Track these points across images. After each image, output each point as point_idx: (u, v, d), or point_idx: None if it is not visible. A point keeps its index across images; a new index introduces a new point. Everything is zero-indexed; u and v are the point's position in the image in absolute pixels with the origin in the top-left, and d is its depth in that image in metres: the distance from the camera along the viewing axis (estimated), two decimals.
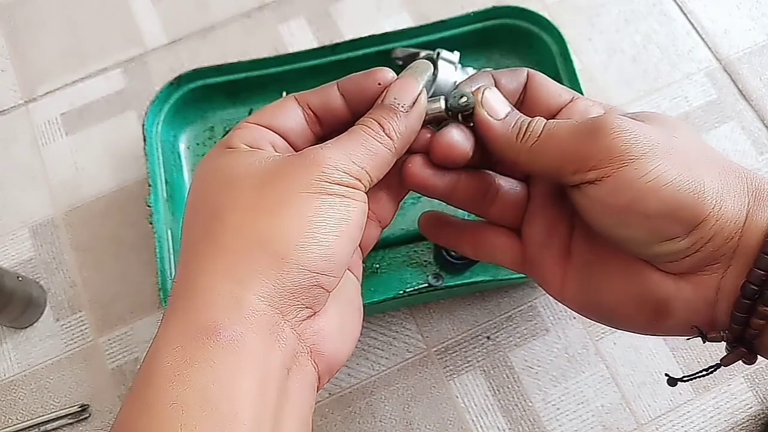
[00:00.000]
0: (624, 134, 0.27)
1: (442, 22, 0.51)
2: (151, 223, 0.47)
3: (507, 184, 0.34)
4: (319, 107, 0.31)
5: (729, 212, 0.26)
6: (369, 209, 0.31)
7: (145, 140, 0.49)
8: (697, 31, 0.58)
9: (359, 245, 0.32)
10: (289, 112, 0.30)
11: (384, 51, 0.51)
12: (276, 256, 0.25)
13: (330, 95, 0.31)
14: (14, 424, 0.48)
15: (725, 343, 0.28)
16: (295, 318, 0.26)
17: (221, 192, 0.27)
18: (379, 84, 0.30)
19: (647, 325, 0.30)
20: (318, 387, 0.28)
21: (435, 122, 0.31)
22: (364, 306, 0.38)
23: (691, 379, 0.31)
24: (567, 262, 0.32)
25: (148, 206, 0.47)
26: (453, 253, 0.48)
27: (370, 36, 0.51)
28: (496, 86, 0.32)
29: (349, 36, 0.57)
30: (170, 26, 0.60)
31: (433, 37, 0.51)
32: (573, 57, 0.49)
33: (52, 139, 0.56)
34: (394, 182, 0.32)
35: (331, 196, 0.26)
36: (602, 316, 0.32)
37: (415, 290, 0.47)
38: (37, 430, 0.48)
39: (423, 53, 0.50)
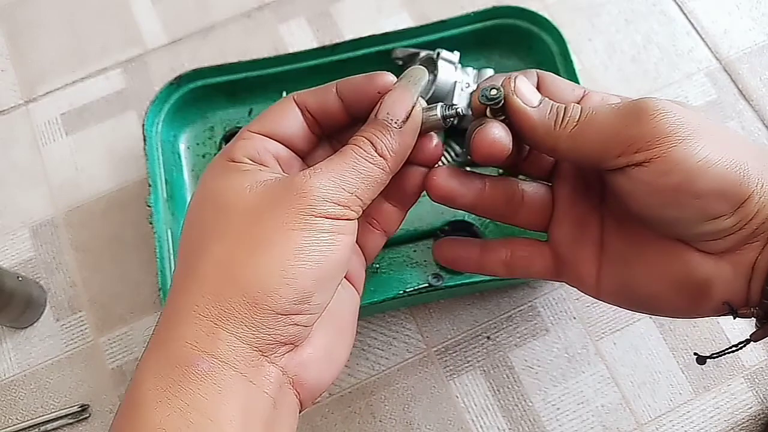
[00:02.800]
0: (669, 115, 0.27)
1: (442, 22, 0.51)
2: (151, 223, 0.47)
3: (530, 188, 0.34)
4: (317, 110, 0.30)
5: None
6: (374, 219, 0.31)
7: (145, 140, 0.49)
8: (697, 31, 0.58)
9: (363, 254, 0.32)
10: (290, 117, 0.30)
11: (384, 51, 0.51)
12: (251, 300, 0.25)
13: (328, 98, 0.30)
14: (14, 424, 0.48)
15: (755, 319, 0.28)
16: (274, 355, 0.26)
17: (211, 219, 0.27)
18: (379, 93, 0.30)
19: (688, 308, 0.30)
20: (300, 411, 0.28)
21: (432, 131, 0.31)
22: (364, 306, 0.38)
23: (721, 356, 0.31)
24: (601, 256, 0.32)
25: (148, 206, 0.47)
26: None
27: (370, 36, 0.51)
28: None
29: (349, 36, 0.57)
30: (170, 26, 0.60)
31: (433, 37, 0.51)
32: (573, 57, 0.49)
33: (52, 139, 0.56)
34: (400, 193, 0.32)
35: (315, 233, 0.26)
36: (641, 305, 0.32)
37: (415, 290, 0.47)
38: (37, 430, 0.48)
39: (423, 53, 0.51)
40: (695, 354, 0.32)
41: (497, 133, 0.30)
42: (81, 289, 0.52)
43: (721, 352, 0.31)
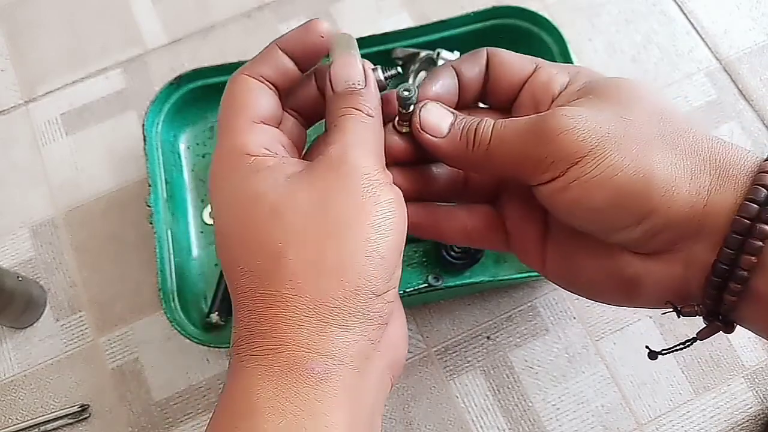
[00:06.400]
0: (570, 133, 0.26)
1: (442, 22, 0.51)
2: (151, 223, 0.47)
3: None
4: (277, 77, 0.30)
5: (682, 199, 0.25)
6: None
7: (145, 140, 0.49)
8: (697, 31, 0.58)
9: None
10: (266, 95, 0.29)
11: (384, 51, 0.51)
12: (352, 288, 0.25)
13: (281, 62, 0.30)
14: (14, 424, 0.48)
15: (702, 317, 0.28)
16: (378, 338, 0.26)
17: (273, 225, 0.26)
18: (323, 37, 0.29)
19: (622, 300, 0.30)
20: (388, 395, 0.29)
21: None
22: None
23: (670, 352, 0.31)
24: (546, 237, 0.32)
25: (148, 206, 0.47)
26: (453, 253, 0.48)
27: (370, 36, 0.51)
28: (458, 77, 0.31)
29: None
30: (170, 26, 0.60)
31: (433, 37, 0.51)
32: (573, 57, 0.49)
33: (52, 139, 0.56)
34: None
35: (381, 204, 0.26)
36: (581, 290, 0.32)
37: (415, 290, 0.47)
38: (37, 430, 0.48)
39: (423, 53, 0.51)
40: (646, 347, 0.32)
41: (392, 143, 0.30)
42: (81, 289, 0.52)
43: (670, 348, 0.31)
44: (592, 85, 0.29)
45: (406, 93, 0.29)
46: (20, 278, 0.49)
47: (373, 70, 0.30)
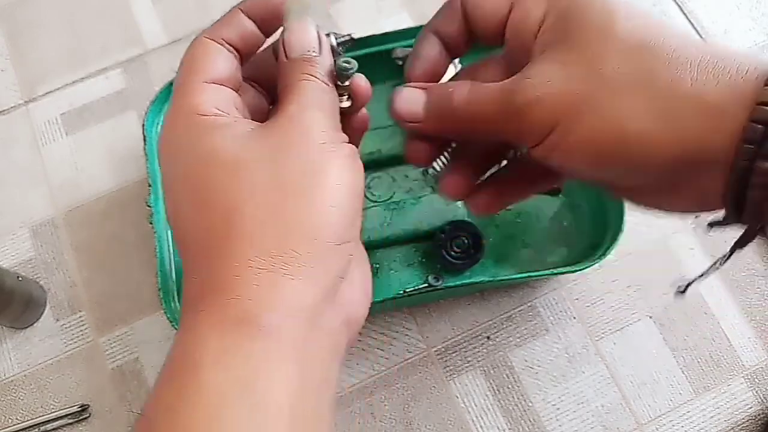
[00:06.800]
0: (538, 105, 0.26)
1: None
2: (151, 223, 0.47)
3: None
4: (237, 41, 0.29)
5: (666, 146, 0.24)
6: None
7: (145, 140, 0.49)
8: (697, 31, 0.58)
9: None
10: (224, 58, 0.29)
11: (384, 51, 0.51)
12: (310, 238, 0.24)
13: (243, 24, 0.29)
14: (14, 424, 0.48)
15: (733, 223, 0.27)
16: (333, 292, 0.26)
17: (227, 181, 0.25)
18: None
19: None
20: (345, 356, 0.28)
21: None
22: None
23: (706, 276, 0.30)
24: None
25: (148, 206, 0.47)
26: (453, 253, 0.48)
27: (370, 36, 0.51)
28: (440, 38, 0.31)
29: None
30: (170, 26, 0.60)
31: None
32: None
33: (52, 139, 0.56)
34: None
35: (338, 159, 0.26)
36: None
37: (415, 290, 0.47)
38: (37, 430, 0.48)
39: None
40: (679, 287, 0.31)
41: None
42: (81, 289, 0.52)
43: (708, 268, 0.30)
44: (564, 21, 0.27)
45: (345, 65, 0.28)
46: (20, 278, 0.49)
47: (326, 35, 0.30)
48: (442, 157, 0.47)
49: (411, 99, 0.30)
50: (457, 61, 0.50)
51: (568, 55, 0.26)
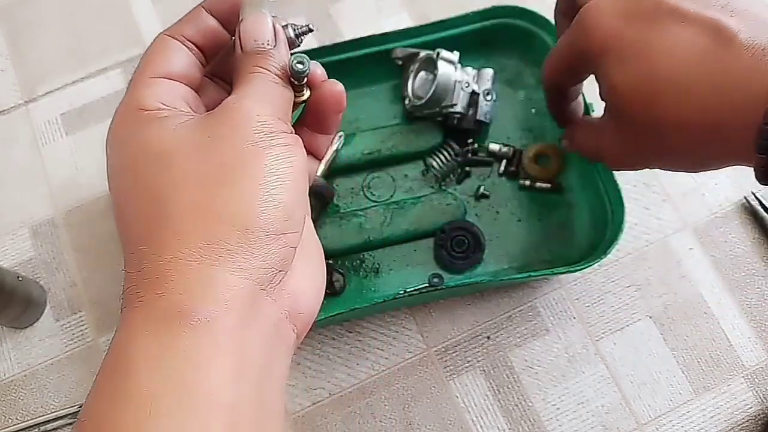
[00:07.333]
0: (595, 29, 0.33)
1: (442, 22, 0.51)
2: None
3: None
4: (198, 38, 0.29)
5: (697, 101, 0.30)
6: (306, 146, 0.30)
7: None
8: None
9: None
10: (179, 55, 0.29)
11: (384, 51, 0.51)
12: (241, 228, 0.24)
13: (205, 22, 0.29)
14: (14, 424, 0.48)
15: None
16: (271, 285, 0.25)
17: (158, 171, 0.25)
18: None
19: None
20: (295, 346, 0.28)
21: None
22: (364, 307, 0.37)
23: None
24: None
25: None
26: (453, 253, 0.48)
27: (370, 36, 0.51)
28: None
29: (349, 36, 0.57)
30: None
31: (433, 37, 0.51)
32: None
33: (52, 139, 0.56)
34: (320, 118, 0.32)
35: (274, 148, 0.26)
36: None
37: (415, 290, 0.47)
38: (37, 430, 0.48)
39: (423, 53, 0.51)
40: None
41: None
42: (81, 289, 0.52)
43: None
44: None
45: (300, 66, 0.28)
46: (20, 278, 0.49)
47: (283, 27, 0.30)
48: (442, 156, 0.48)
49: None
50: (457, 61, 0.50)
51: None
